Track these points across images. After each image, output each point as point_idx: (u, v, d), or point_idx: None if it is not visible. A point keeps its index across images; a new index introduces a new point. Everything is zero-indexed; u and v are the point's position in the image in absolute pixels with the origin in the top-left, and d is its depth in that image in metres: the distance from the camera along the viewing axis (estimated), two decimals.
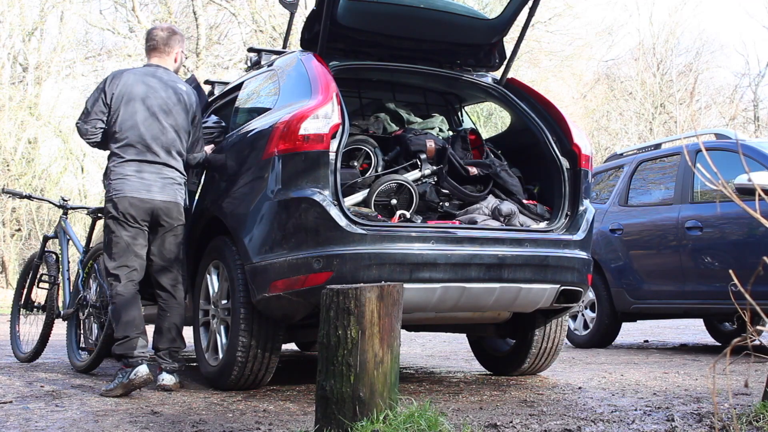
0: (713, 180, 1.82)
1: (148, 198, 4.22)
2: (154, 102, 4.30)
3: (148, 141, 4.25)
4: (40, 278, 5.81)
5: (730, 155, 6.16)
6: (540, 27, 22.26)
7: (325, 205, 3.77)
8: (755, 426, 2.78)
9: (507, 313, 4.47)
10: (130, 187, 4.21)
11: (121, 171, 4.24)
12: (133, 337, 4.13)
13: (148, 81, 4.34)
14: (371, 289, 2.63)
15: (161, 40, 4.49)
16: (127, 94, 4.29)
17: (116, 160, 4.27)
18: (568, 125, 4.50)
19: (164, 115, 4.31)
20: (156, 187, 4.25)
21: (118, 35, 22.09)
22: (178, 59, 4.55)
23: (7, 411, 3.58)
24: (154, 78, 4.38)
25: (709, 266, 6.19)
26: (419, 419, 2.62)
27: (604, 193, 7.55)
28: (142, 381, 4.03)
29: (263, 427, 3.15)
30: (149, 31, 4.58)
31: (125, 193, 4.21)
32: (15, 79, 21.40)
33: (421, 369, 5.46)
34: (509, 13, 4.63)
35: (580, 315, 7.39)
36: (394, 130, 4.85)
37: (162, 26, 4.60)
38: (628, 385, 4.38)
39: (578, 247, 4.27)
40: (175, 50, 4.53)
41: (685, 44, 30.36)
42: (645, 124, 26.63)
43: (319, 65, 4.16)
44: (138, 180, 4.22)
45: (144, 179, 4.23)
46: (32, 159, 20.79)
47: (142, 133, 4.25)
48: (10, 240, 20.71)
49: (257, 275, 3.91)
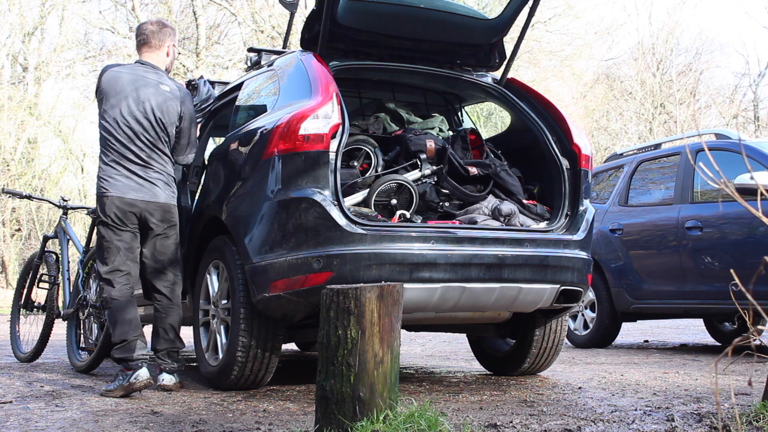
0: (715, 179, 1.82)
1: (130, 199, 4.17)
2: (138, 100, 4.22)
3: (131, 140, 4.19)
4: (40, 278, 5.81)
5: (730, 155, 6.15)
6: (540, 27, 22.27)
7: (325, 205, 3.77)
8: (755, 426, 2.78)
9: (507, 313, 4.47)
10: (114, 187, 4.17)
11: (106, 170, 4.20)
12: (131, 340, 4.11)
13: (133, 79, 4.27)
14: (371, 289, 2.63)
15: (151, 35, 4.40)
16: (112, 91, 4.23)
17: (102, 159, 4.23)
18: (568, 125, 4.50)
19: (148, 114, 4.23)
20: (139, 188, 4.19)
21: (118, 35, 22.11)
22: (170, 53, 4.47)
23: (7, 411, 3.58)
24: (140, 76, 4.30)
25: (709, 266, 6.19)
26: (419, 419, 2.62)
27: (604, 193, 7.55)
28: (142, 385, 4.02)
29: (263, 427, 3.15)
30: (139, 26, 4.49)
31: (108, 193, 4.17)
32: (15, 79, 21.41)
33: (421, 369, 5.46)
34: (509, 13, 4.63)
35: (580, 315, 7.39)
36: (394, 130, 4.84)
37: (151, 20, 4.53)
38: (628, 385, 4.38)
39: (578, 247, 4.27)
40: (167, 44, 4.44)
41: (684, 44, 30.40)
42: (645, 124, 26.64)
43: (319, 65, 4.16)
44: (121, 180, 4.18)
45: (127, 179, 4.18)
46: (32, 159, 20.81)
47: (125, 132, 4.19)
48: (10, 240, 20.72)
49: (257, 275, 3.91)
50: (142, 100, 4.23)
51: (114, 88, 4.23)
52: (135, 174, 4.20)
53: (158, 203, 4.24)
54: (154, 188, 4.23)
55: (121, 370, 4.10)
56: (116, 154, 4.19)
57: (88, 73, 21.98)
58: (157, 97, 4.27)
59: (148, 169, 4.23)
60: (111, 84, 4.25)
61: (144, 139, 4.22)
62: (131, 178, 4.19)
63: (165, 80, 4.37)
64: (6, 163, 19.83)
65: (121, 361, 4.11)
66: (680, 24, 33.72)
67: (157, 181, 4.25)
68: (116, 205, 4.16)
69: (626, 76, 28.41)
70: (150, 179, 4.23)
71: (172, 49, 4.49)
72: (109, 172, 4.19)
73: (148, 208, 4.21)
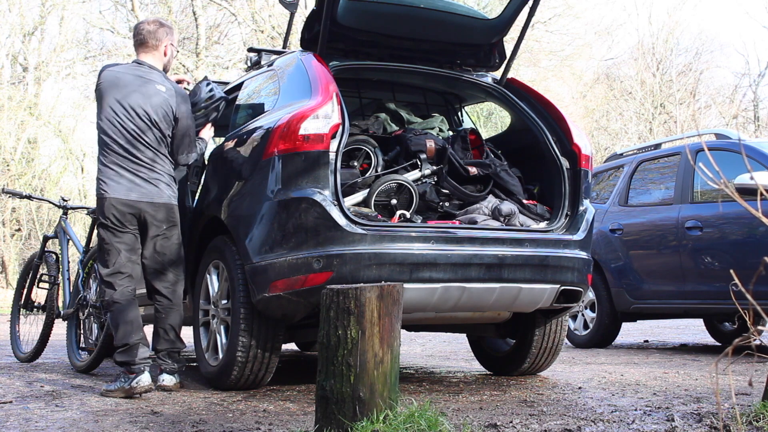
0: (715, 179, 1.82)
1: (129, 200, 4.16)
2: (134, 100, 4.20)
3: (128, 140, 4.17)
4: (40, 278, 5.81)
5: (730, 155, 6.15)
6: (540, 27, 22.27)
7: (325, 205, 3.77)
8: (755, 426, 2.78)
9: (507, 313, 4.47)
10: (112, 188, 4.15)
11: (104, 171, 4.19)
12: (134, 343, 4.10)
13: (130, 79, 4.25)
14: (371, 289, 2.63)
15: (148, 34, 4.37)
16: (110, 91, 4.22)
17: (101, 160, 4.22)
18: (568, 125, 4.50)
19: (145, 115, 4.20)
20: (137, 188, 4.18)
21: (118, 35, 22.10)
22: (167, 52, 4.43)
23: (7, 411, 3.58)
24: (137, 76, 4.28)
25: (709, 266, 6.19)
26: (419, 419, 2.62)
27: (604, 193, 7.55)
28: (143, 389, 4.03)
29: (263, 427, 3.15)
30: (136, 26, 4.47)
31: (107, 194, 4.16)
32: (15, 79, 21.41)
33: (421, 369, 5.46)
34: (509, 13, 4.63)
35: (580, 315, 7.39)
36: (394, 130, 4.84)
37: (149, 19, 4.49)
38: (628, 385, 4.38)
39: (578, 247, 4.27)
40: (164, 43, 4.40)
41: (684, 44, 30.38)
42: (645, 124, 26.63)
43: (319, 65, 4.16)
44: (119, 181, 4.16)
45: (125, 180, 4.17)
46: (32, 159, 20.81)
47: (123, 133, 4.17)
48: (10, 240, 20.72)
49: (257, 275, 3.91)
50: (139, 101, 4.21)
51: (112, 89, 4.22)
52: (134, 174, 4.18)
53: (158, 203, 4.23)
54: (153, 189, 4.22)
55: (123, 372, 4.09)
56: (115, 155, 4.18)
57: (88, 73, 21.98)
58: (154, 98, 4.25)
59: (147, 169, 4.21)
60: (109, 84, 4.23)
61: (142, 139, 4.20)
62: (130, 179, 4.17)
63: (162, 80, 4.34)
64: (6, 163, 19.83)
65: (123, 364, 4.10)
66: (680, 24, 33.75)
67: (156, 181, 4.23)
68: (115, 207, 4.15)
69: (626, 76, 28.41)
70: (149, 180, 4.21)
71: (170, 48, 4.45)
72: (107, 173, 4.18)
73: (147, 209, 4.20)
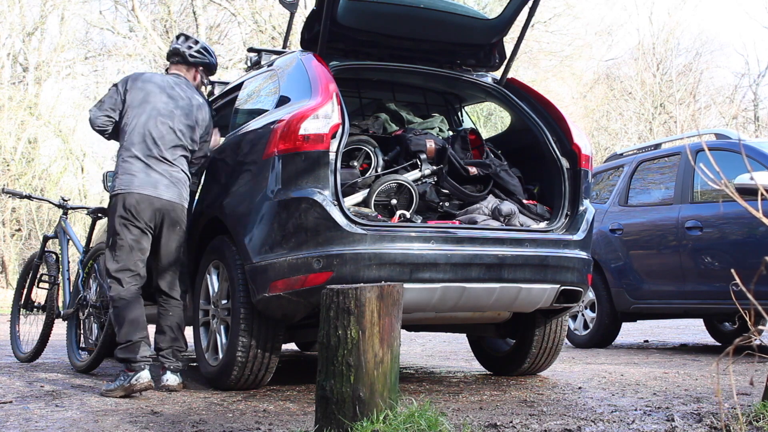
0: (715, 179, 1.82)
1: (155, 195, 4.23)
2: (169, 106, 4.36)
3: (156, 140, 4.29)
4: (40, 278, 5.80)
5: (730, 155, 6.15)
6: (540, 27, 22.27)
7: (325, 205, 3.77)
8: (755, 426, 2.78)
9: (507, 313, 4.47)
10: (138, 183, 4.22)
11: (128, 167, 4.26)
12: (136, 341, 4.12)
13: (166, 87, 4.42)
14: (371, 289, 2.63)
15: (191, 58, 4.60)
16: (145, 94, 4.36)
17: (124, 155, 4.29)
18: (568, 125, 4.50)
19: (175, 119, 4.35)
20: (162, 185, 4.26)
21: (118, 35, 22.11)
22: (197, 78, 4.66)
23: (7, 411, 3.58)
24: (173, 85, 4.46)
25: (709, 266, 6.19)
26: (419, 419, 2.62)
27: (604, 193, 7.55)
28: (143, 387, 4.04)
29: (263, 427, 3.15)
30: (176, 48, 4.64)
31: (132, 189, 4.22)
32: (15, 79, 21.40)
33: (421, 369, 5.46)
34: (509, 13, 4.63)
35: (580, 315, 7.39)
36: (394, 130, 4.84)
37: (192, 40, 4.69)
38: (628, 385, 4.38)
39: (578, 247, 4.27)
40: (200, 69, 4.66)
41: (684, 44, 30.36)
42: (645, 124, 26.63)
43: (319, 65, 4.16)
44: (145, 177, 4.24)
45: (151, 177, 4.25)
46: (32, 159, 20.80)
47: (152, 132, 4.29)
48: (10, 240, 20.71)
49: (257, 275, 3.91)
50: (173, 107, 4.37)
51: (148, 92, 4.37)
52: (161, 172, 4.27)
53: (179, 203, 4.33)
54: (176, 188, 4.31)
55: (122, 371, 4.10)
56: (142, 152, 4.27)
57: (89, 73, 22.00)
58: (188, 108, 4.42)
59: (173, 168, 4.32)
60: (145, 87, 4.38)
61: (171, 140, 4.32)
62: (154, 176, 4.25)
63: (197, 94, 4.56)
64: (6, 163, 19.82)
65: (124, 361, 4.11)
66: (680, 24, 33.75)
67: (179, 180, 4.34)
68: (140, 201, 4.21)
69: (626, 76, 28.41)
70: (174, 178, 4.31)
71: (200, 74, 4.67)
72: (133, 168, 4.25)
73: (169, 207, 4.27)
